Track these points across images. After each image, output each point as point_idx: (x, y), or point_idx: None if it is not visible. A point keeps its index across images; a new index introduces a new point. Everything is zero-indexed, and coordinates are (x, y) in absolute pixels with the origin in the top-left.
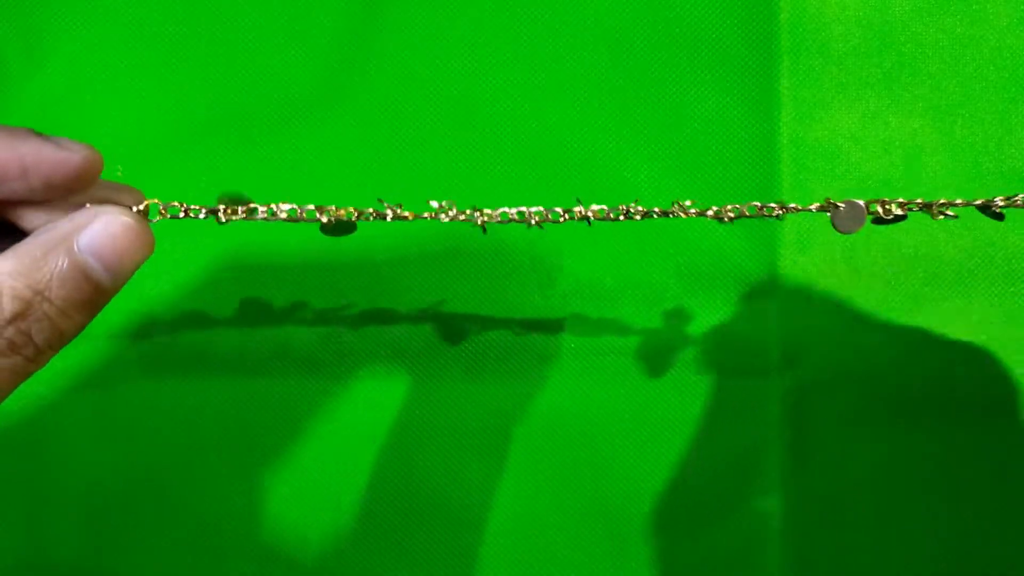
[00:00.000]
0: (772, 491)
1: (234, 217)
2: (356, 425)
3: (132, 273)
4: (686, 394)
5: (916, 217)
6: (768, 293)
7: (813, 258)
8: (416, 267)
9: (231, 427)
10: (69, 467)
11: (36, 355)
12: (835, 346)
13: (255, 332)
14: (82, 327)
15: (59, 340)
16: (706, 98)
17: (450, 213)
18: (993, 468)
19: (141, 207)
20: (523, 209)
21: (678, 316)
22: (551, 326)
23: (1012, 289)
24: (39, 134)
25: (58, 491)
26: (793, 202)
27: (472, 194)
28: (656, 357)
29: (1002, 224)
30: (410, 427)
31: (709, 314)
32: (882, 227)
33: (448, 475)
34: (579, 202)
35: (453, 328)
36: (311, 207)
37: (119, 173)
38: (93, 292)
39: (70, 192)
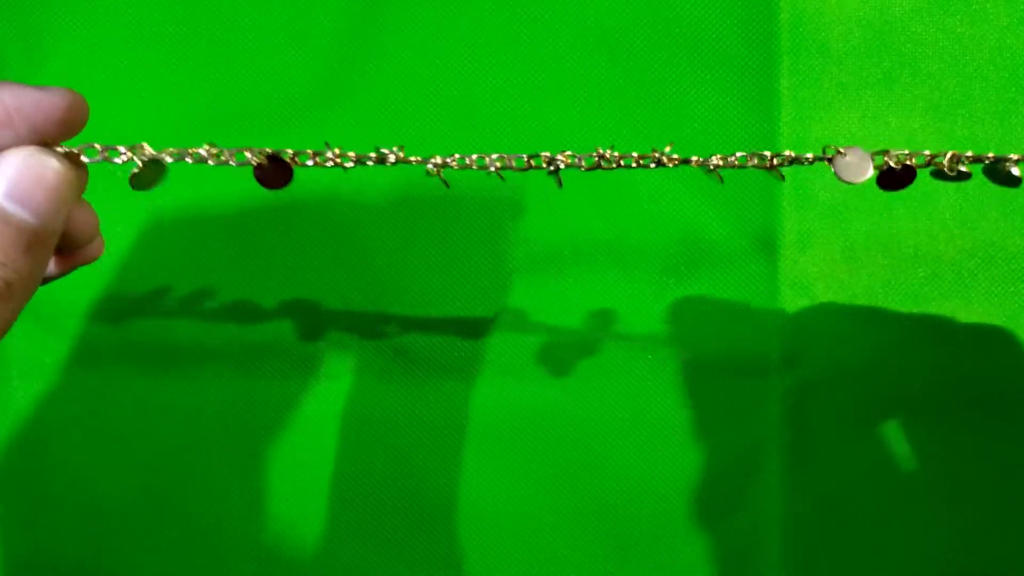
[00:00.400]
0: (772, 491)
1: (157, 157)
2: (354, 425)
3: (58, 207)
4: (686, 393)
5: (916, 217)
6: (768, 293)
7: (813, 258)
8: (415, 268)
9: (230, 427)
10: (68, 468)
11: None
12: (835, 346)
13: (254, 333)
14: (32, 275)
15: (7, 290)
16: (706, 98)
17: (399, 155)
18: (993, 468)
19: (59, 150)
20: (482, 155)
21: (678, 315)
22: (549, 326)
23: (1012, 289)
24: (19, 83)
25: (57, 491)
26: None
27: (472, 194)
28: (656, 357)
29: (1002, 224)
30: (408, 427)
31: (709, 314)
32: (882, 226)
33: (447, 475)
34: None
35: (451, 328)
36: (237, 149)
37: None
38: (19, 234)
39: (59, 139)
